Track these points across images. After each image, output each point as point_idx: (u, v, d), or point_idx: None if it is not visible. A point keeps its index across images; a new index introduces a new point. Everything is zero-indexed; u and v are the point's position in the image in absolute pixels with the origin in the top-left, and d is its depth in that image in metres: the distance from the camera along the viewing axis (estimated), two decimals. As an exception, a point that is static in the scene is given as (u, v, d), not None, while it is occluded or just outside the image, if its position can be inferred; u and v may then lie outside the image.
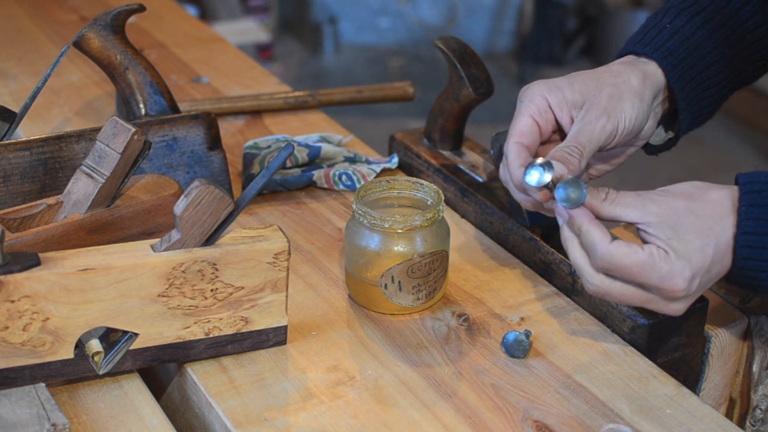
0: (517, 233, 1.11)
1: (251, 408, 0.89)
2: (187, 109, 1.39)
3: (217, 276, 0.89)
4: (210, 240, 0.88)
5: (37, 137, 1.09)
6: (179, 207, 0.85)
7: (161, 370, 1.01)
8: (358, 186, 1.23)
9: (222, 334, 0.92)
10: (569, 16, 4.69)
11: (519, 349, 0.95)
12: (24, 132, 1.36)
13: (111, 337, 0.90)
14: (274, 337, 0.95)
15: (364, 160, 1.29)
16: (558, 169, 0.91)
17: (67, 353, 0.88)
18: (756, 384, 1.05)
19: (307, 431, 0.86)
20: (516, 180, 0.94)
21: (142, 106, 1.17)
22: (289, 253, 0.91)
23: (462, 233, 1.17)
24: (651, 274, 0.86)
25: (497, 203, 1.15)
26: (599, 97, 0.97)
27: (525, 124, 0.97)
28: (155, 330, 0.89)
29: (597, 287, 0.89)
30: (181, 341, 0.91)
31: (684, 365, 1.01)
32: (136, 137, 0.96)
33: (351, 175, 1.24)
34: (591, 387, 0.92)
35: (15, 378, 0.87)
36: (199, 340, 0.92)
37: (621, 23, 4.50)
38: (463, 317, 1.01)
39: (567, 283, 1.05)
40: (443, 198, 1.01)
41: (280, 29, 4.77)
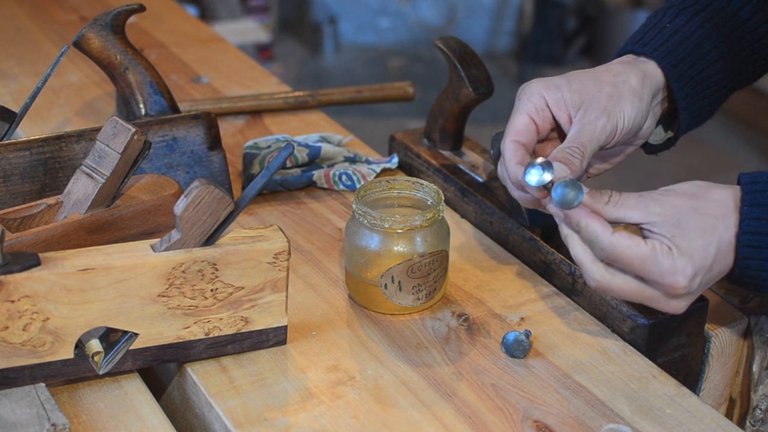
0: (517, 233, 1.11)
1: (251, 408, 0.89)
2: (187, 109, 1.39)
3: (217, 276, 0.89)
4: (210, 240, 0.88)
5: (37, 137, 1.09)
6: (179, 207, 0.85)
7: (161, 370, 1.01)
8: (358, 186, 1.23)
9: (222, 334, 0.92)
10: (569, 16, 4.69)
11: (519, 349, 0.95)
12: (24, 132, 1.36)
13: (111, 337, 0.90)
14: (274, 337, 0.95)
15: (364, 160, 1.29)
16: (560, 171, 0.91)
17: (67, 353, 0.88)
18: (756, 384, 1.05)
19: (307, 431, 0.86)
20: (513, 178, 0.95)
21: (142, 106, 1.17)
22: (289, 253, 0.91)
23: (462, 233, 1.17)
24: (652, 267, 0.86)
25: (497, 203, 1.15)
26: (598, 97, 0.97)
27: (522, 122, 0.97)
28: (155, 330, 0.89)
29: (598, 282, 0.89)
30: (181, 341, 0.91)
31: (684, 365, 1.01)
32: (136, 137, 0.96)
33: (351, 175, 1.24)
34: (591, 387, 0.92)
35: (15, 378, 0.87)
36: (199, 340, 0.92)
37: (621, 23, 4.50)
38: (463, 317, 1.01)
39: (567, 283, 1.05)
40: (443, 198, 1.01)
41: (280, 29, 4.77)
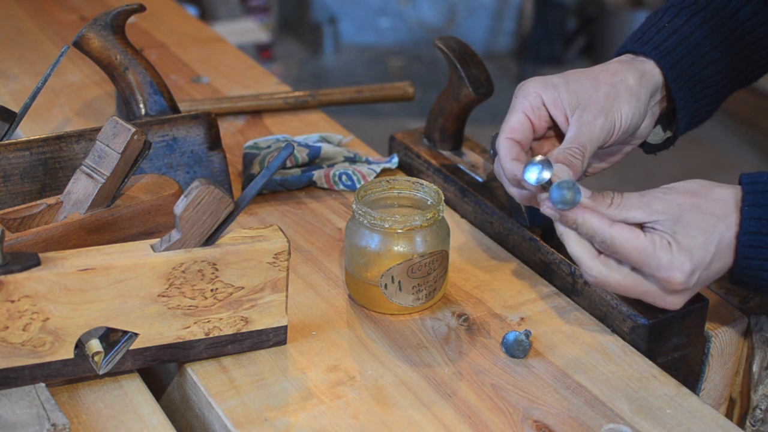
0: (517, 233, 1.11)
1: (251, 408, 0.89)
2: (187, 109, 1.39)
3: (217, 276, 0.89)
4: (210, 240, 0.88)
5: (37, 137, 1.09)
6: (179, 207, 0.85)
7: (161, 370, 1.01)
8: (358, 186, 1.23)
9: (222, 334, 0.92)
10: (569, 16, 4.69)
11: (519, 349, 0.95)
12: (24, 132, 1.36)
13: (111, 337, 0.90)
14: (274, 337, 0.95)
15: (364, 160, 1.29)
16: (562, 172, 0.91)
17: (67, 353, 0.88)
18: (756, 384, 1.05)
19: (307, 431, 0.86)
20: (508, 173, 0.95)
21: (142, 106, 1.17)
22: (289, 253, 0.91)
23: (462, 233, 1.17)
24: (650, 261, 0.86)
25: (497, 203, 1.15)
26: (596, 97, 0.97)
27: (517, 120, 0.98)
28: (155, 330, 0.89)
29: (595, 278, 0.90)
30: (181, 341, 0.91)
31: (684, 365, 1.01)
32: (136, 137, 0.96)
33: (351, 175, 1.24)
34: (591, 387, 0.92)
35: (15, 378, 0.87)
36: (199, 340, 0.92)
37: (621, 23, 4.50)
38: (463, 317, 1.01)
39: (567, 283, 1.05)
40: (443, 198, 1.01)
41: (280, 29, 4.77)
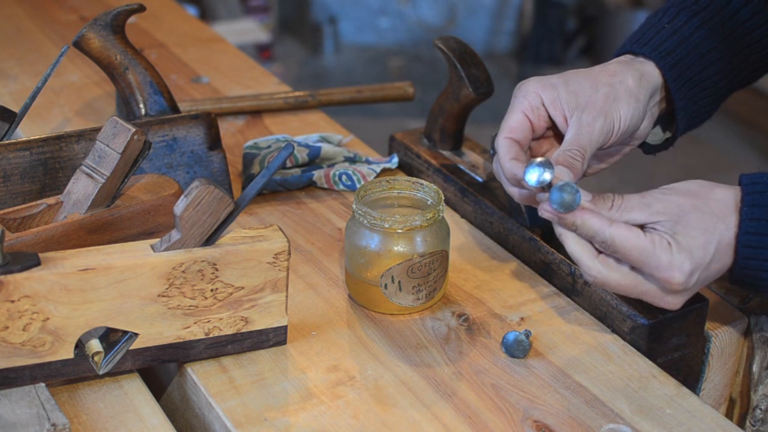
0: (517, 233, 1.11)
1: (251, 408, 0.89)
2: (187, 109, 1.39)
3: (217, 276, 0.89)
4: (210, 240, 0.88)
5: (37, 137, 1.09)
6: (179, 207, 0.85)
7: (161, 370, 1.01)
8: (358, 186, 1.23)
9: (222, 334, 0.92)
10: (569, 16, 4.69)
11: (519, 349, 0.95)
12: (24, 132, 1.36)
13: (111, 337, 0.90)
14: (274, 337, 0.95)
15: (364, 160, 1.29)
16: (563, 174, 0.91)
17: (67, 353, 0.88)
18: (756, 384, 1.05)
19: (307, 431, 0.86)
20: (507, 173, 0.96)
21: (142, 106, 1.17)
22: (289, 253, 0.91)
23: (462, 233, 1.17)
24: (650, 260, 0.86)
25: (497, 203, 1.15)
26: (595, 98, 0.97)
27: (516, 119, 0.98)
28: (155, 330, 0.89)
29: (595, 278, 0.90)
30: (181, 341, 0.91)
31: (684, 365, 1.01)
32: (136, 137, 0.96)
33: (351, 175, 1.24)
34: (591, 387, 0.92)
35: (15, 378, 0.87)
36: (199, 340, 0.92)
37: (621, 23, 4.50)
38: (463, 317, 1.01)
39: (567, 283, 1.05)
40: (443, 198, 1.01)
41: (280, 29, 4.77)
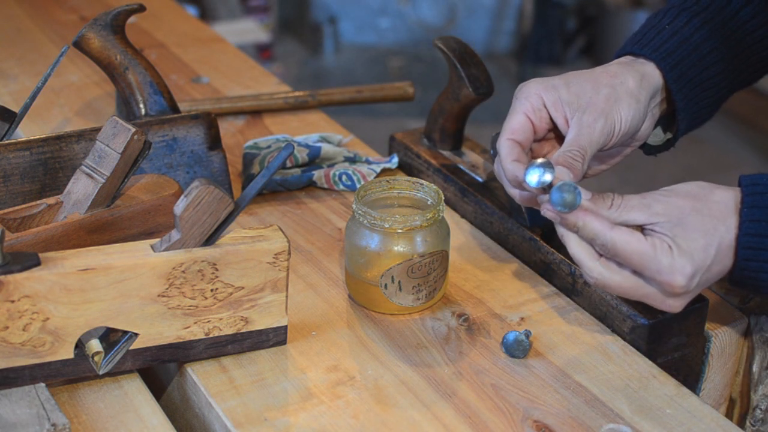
0: (517, 233, 1.11)
1: (251, 408, 0.89)
2: (187, 109, 1.39)
3: (217, 276, 0.89)
4: (210, 240, 0.88)
5: (37, 137, 1.09)
6: (179, 207, 0.85)
7: (161, 370, 1.01)
8: (358, 186, 1.23)
9: (222, 334, 0.92)
10: (569, 16, 4.69)
11: (519, 349, 0.95)
12: (24, 132, 1.36)
13: (111, 337, 0.90)
14: (274, 337, 0.95)
15: (364, 160, 1.29)
16: (563, 175, 0.91)
17: (67, 353, 0.88)
18: (756, 384, 1.05)
19: (307, 431, 0.86)
20: (509, 175, 0.95)
21: (142, 106, 1.17)
22: (289, 253, 0.91)
23: (462, 233, 1.17)
24: (651, 264, 0.86)
25: (497, 203, 1.15)
26: (596, 99, 0.97)
27: (518, 121, 0.98)
28: (155, 330, 0.89)
29: (596, 279, 0.90)
30: (181, 341, 0.91)
31: (684, 365, 1.01)
32: (136, 137, 0.96)
33: (351, 175, 1.24)
34: (591, 387, 0.92)
35: (15, 378, 0.87)
36: (199, 340, 0.92)
37: (621, 23, 4.50)
38: (463, 317, 1.01)
39: (567, 283, 1.05)
40: (443, 198, 1.01)
41: (280, 29, 4.77)
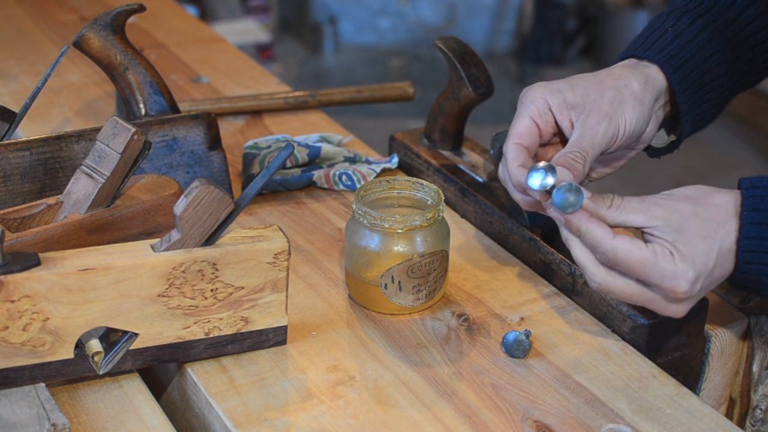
0: (517, 233, 1.11)
1: (251, 408, 0.89)
2: (187, 109, 1.39)
3: (217, 276, 0.89)
4: (210, 240, 0.88)
5: (37, 137, 1.09)
6: (179, 207, 0.85)
7: (161, 370, 1.01)
8: (358, 186, 1.23)
9: (222, 334, 0.92)
10: (569, 16, 4.69)
11: (519, 349, 0.95)
12: (24, 132, 1.36)
13: (111, 337, 0.90)
14: (274, 337, 0.95)
15: (364, 160, 1.29)
16: (564, 175, 0.91)
17: (67, 353, 0.88)
18: (756, 384, 1.05)
19: (307, 431, 0.86)
20: (515, 180, 0.95)
21: (142, 106, 1.17)
22: (289, 253, 0.91)
23: (462, 233, 1.17)
24: (653, 272, 0.86)
25: (497, 203, 1.15)
26: (600, 101, 0.97)
27: (525, 125, 0.97)
28: (155, 330, 0.89)
29: (599, 284, 0.90)
30: (181, 341, 0.91)
31: (684, 365, 1.01)
32: (136, 137, 0.96)
33: (351, 175, 1.24)
34: (591, 387, 0.92)
35: (15, 378, 0.87)
36: (199, 340, 0.92)
37: (621, 23, 4.50)
38: (463, 317, 1.01)
39: (567, 283, 1.05)
40: (443, 198, 1.01)
41: (280, 29, 4.77)
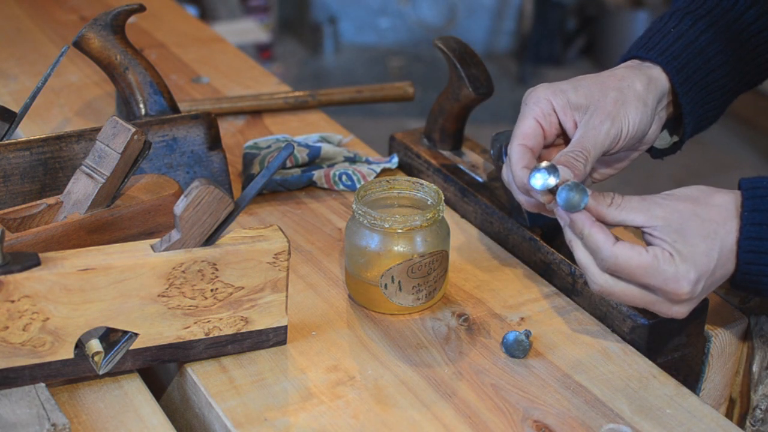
0: (517, 233, 1.11)
1: (251, 408, 0.89)
2: (187, 109, 1.39)
3: (217, 276, 0.89)
4: (210, 240, 0.88)
5: (37, 137, 1.09)
6: (179, 207, 0.85)
7: (161, 370, 1.01)
8: (358, 186, 1.23)
9: (222, 334, 0.92)
10: (569, 16, 4.69)
11: (519, 349, 0.95)
12: (24, 132, 1.36)
13: (111, 337, 0.90)
14: (274, 337, 0.95)
15: (364, 160, 1.29)
16: (564, 174, 0.91)
17: (67, 353, 0.88)
18: (756, 384, 1.05)
19: (307, 431, 0.86)
20: (519, 181, 0.95)
21: (142, 106, 1.17)
22: (289, 253, 0.91)
23: (462, 233, 1.17)
24: (655, 276, 0.86)
25: (497, 203, 1.15)
26: (604, 102, 0.97)
27: (529, 126, 0.97)
28: (155, 330, 0.89)
29: (601, 287, 0.90)
30: (181, 341, 0.91)
31: (684, 365, 1.01)
32: (136, 137, 0.96)
33: (351, 175, 1.24)
34: (591, 387, 0.92)
35: (15, 378, 0.87)
36: (199, 340, 0.92)
37: (621, 23, 4.50)
38: (463, 317, 1.01)
39: (567, 283, 1.05)
40: (443, 198, 1.00)
41: (280, 29, 4.77)
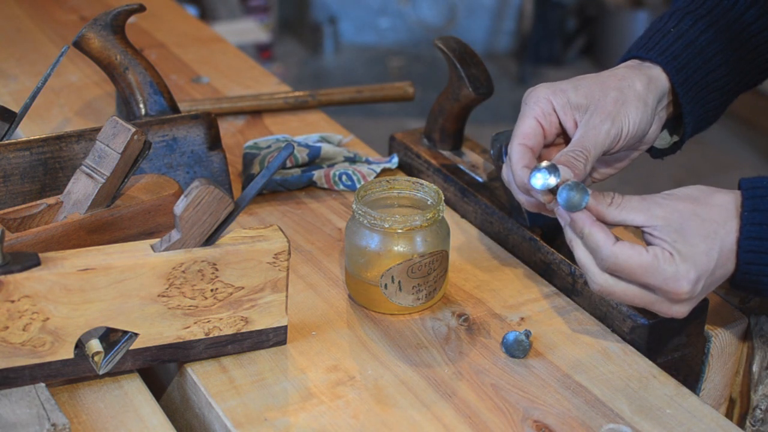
0: (517, 233, 1.11)
1: (251, 408, 0.89)
2: (187, 109, 1.39)
3: (217, 276, 0.89)
4: (210, 240, 0.88)
5: (37, 137, 1.09)
6: (179, 207, 0.85)
7: (161, 370, 1.01)
8: (358, 186, 1.23)
9: (222, 334, 0.92)
10: (569, 16, 4.69)
11: (519, 349, 0.95)
12: (24, 132, 1.36)
13: (111, 337, 0.90)
14: (274, 337, 0.95)
15: (364, 160, 1.29)
16: (564, 173, 0.91)
17: (67, 353, 0.88)
18: (756, 384, 1.05)
19: (307, 431, 0.86)
20: (519, 181, 0.95)
21: (142, 106, 1.17)
22: (289, 253, 0.91)
23: (462, 233, 1.17)
24: (655, 276, 0.86)
25: (497, 203, 1.15)
26: (604, 102, 0.97)
27: (529, 125, 0.97)
28: (155, 330, 0.89)
29: (601, 287, 0.90)
30: (181, 341, 0.91)
31: (684, 365, 1.01)
32: (136, 137, 0.96)
33: (351, 175, 1.24)
34: (591, 387, 0.92)
35: (15, 378, 0.87)
36: (199, 340, 0.92)
37: (621, 23, 4.50)
38: (463, 317, 1.01)
39: (567, 283, 1.05)
40: (443, 198, 1.01)
41: (280, 29, 4.77)
